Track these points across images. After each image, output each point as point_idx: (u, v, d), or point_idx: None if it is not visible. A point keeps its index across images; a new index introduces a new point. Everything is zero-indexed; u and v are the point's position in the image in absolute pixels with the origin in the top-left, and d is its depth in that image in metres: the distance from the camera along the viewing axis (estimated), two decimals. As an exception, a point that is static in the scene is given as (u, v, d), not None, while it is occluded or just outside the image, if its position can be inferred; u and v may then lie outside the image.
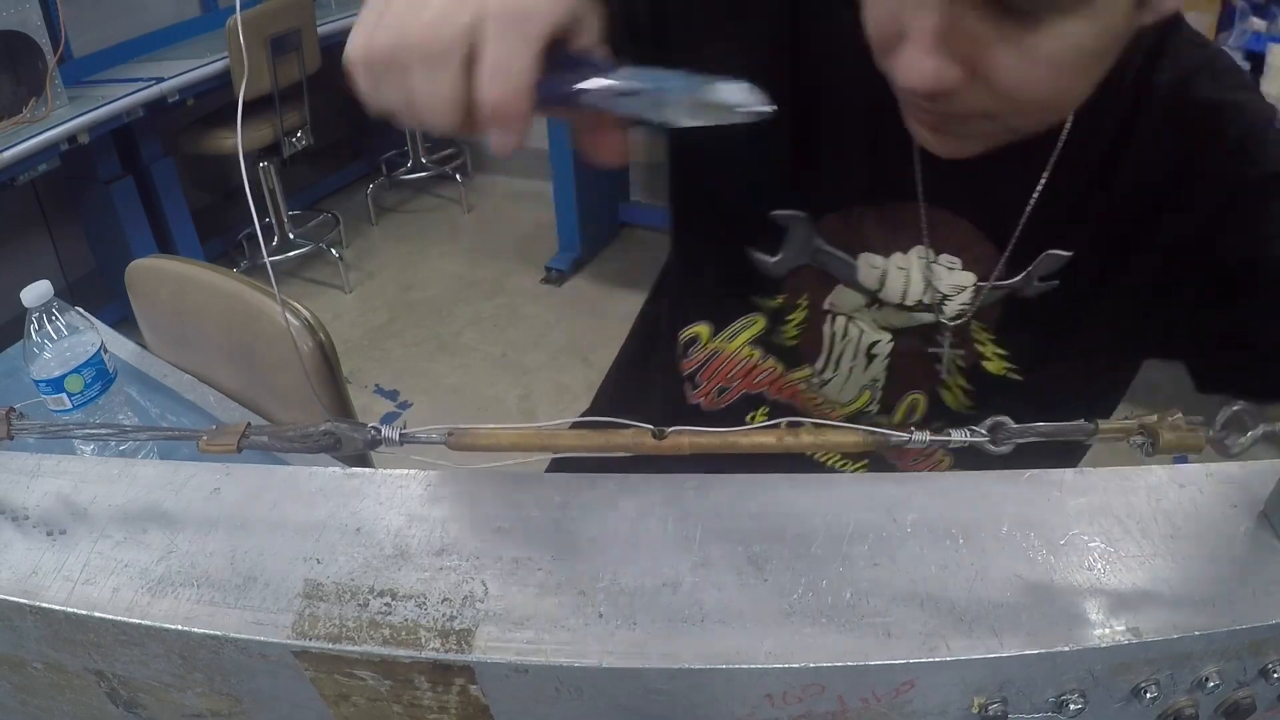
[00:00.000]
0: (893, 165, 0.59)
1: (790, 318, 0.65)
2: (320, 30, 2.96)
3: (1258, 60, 2.04)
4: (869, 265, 0.61)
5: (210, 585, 0.33)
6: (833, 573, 0.33)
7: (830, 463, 0.66)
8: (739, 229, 0.64)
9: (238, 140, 2.70)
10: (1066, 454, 0.68)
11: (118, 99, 2.38)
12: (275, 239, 3.03)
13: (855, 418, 0.64)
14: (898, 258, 0.60)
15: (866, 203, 0.60)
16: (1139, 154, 0.56)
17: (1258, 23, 2.09)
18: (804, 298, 0.65)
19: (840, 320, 0.63)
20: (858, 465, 0.66)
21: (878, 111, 0.56)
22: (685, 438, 0.30)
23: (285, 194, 2.99)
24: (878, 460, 0.65)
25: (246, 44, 2.56)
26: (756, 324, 0.68)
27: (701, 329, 0.69)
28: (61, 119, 2.23)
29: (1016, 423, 0.33)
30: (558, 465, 0.76)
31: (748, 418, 0.69)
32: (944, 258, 0.59)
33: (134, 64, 2.75)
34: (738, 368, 0.69)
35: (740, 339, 0.69)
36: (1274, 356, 0.52)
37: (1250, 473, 0.37)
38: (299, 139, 2.88)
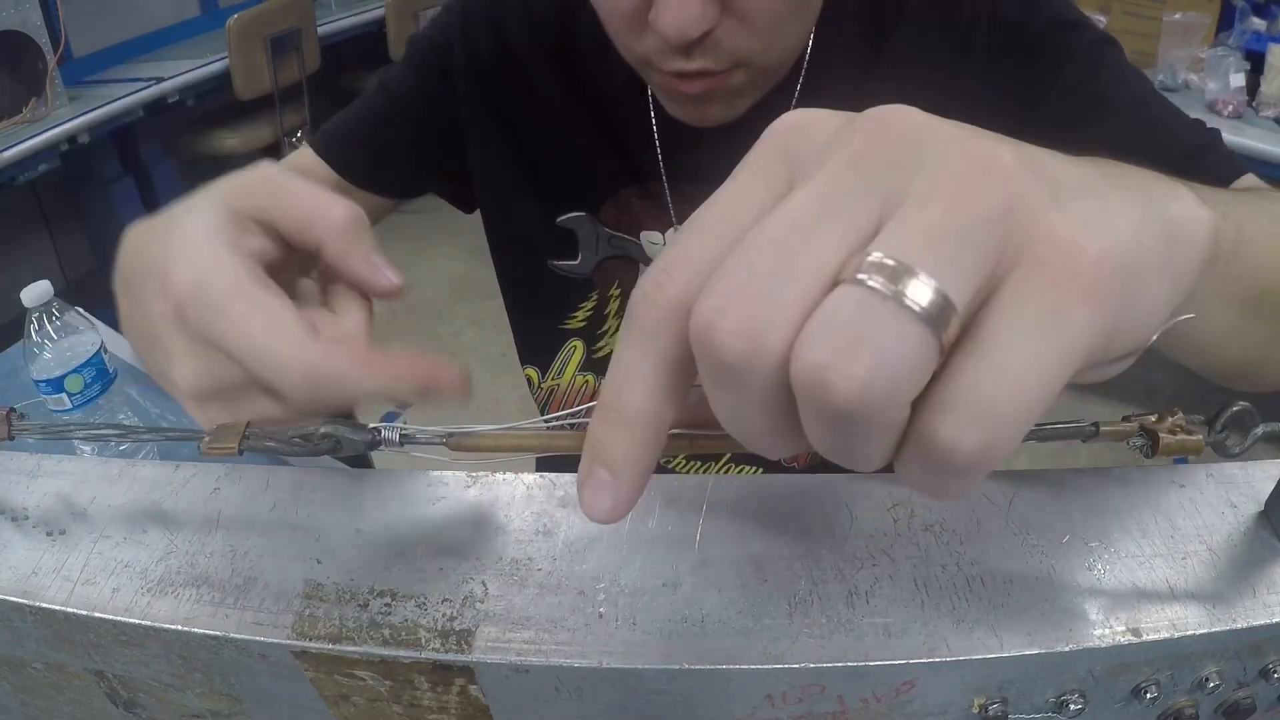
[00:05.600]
0: (634, 150, 0.64)
1: (607, 312, 0.70)
2: (320, 30, 2.97)
3: (1258, 60, 2.04)
4: (649, 242, 0.66)
5: (210, 585, 0.33)
6: (833, 573, 0.33)
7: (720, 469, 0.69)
8: (540, 251, 0.70)
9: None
10: None
11: (118, 99, 2.39)
12: (275, 239, 3.03)
13: None
14: (671, 233, 0.65)
15: (631, 185, 0.65)
16: (890, 48, 0.60)
17: (1258, 23, 2.09)
18: (615, 286, 0.70)
19: None
20: (753, 469, 0.69)
21: (613, 103, 0.64)
22: (685, 439, 0.30)
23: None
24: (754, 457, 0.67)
25: (246, 44, 2.56)
26: (575, 350, 0.72)
27: (531, 372, 0.76)
28: (61, 119, 2.24)
29: None
30: (544, 464, 0.78)
31: None
32: None
33: (134, 64, 2.75)
34: (579, 397, 0.74)
35: (569, 371, 0.73)
36: None
37: (1250, 473, 0.37)
38: (299, 139, 2.88)
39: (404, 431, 0.33)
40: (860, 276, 0.18)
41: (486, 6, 0.66)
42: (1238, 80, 1.99)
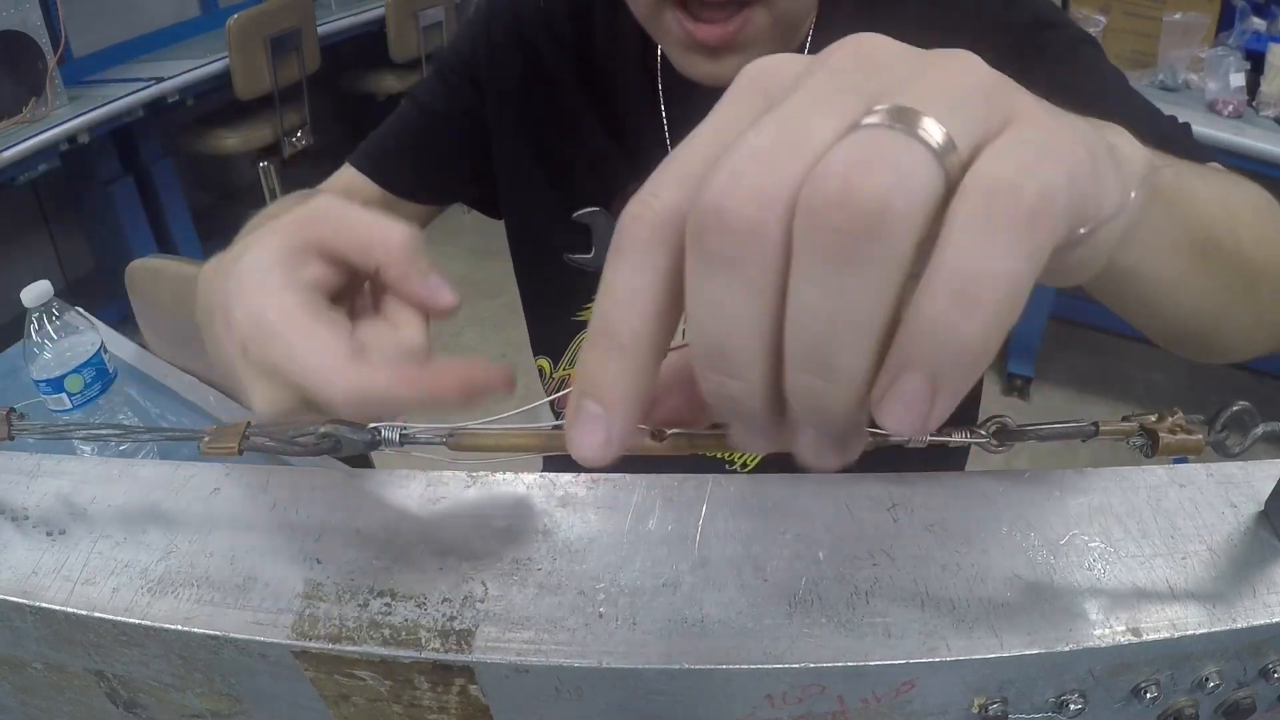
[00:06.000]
0: (648, 149, 0.66)
1: None
2: (320, 30, 2.96)
3: (1258, 60, 2.03)
4: None
5: (210, 585, 0.33)
6: (833, 573, 0.33)
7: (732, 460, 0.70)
8: (556, 244, 0.72)
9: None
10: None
11: (118, 99, 2.38)
12: (275, 239, 3.03)
13: None
14: None
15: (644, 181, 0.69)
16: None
17: (1258, 23, 2.09)
18: None
19: None
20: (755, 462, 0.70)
21: (627, 104, 0.67)
22: (685, 438, 0.30)
23: (285, 194, 3.00)
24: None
25: (246, 44, 2.56)
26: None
27: (543, 363, 0.77)
28: (61, 119, 2.23)
29: None
30: (552, 464, 0.79)
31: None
32: None
33: (134, 64, 2.75)
34: None
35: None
36: None
37: (1250, 473, 0.37)
38: (299, 139, 2.88)
39: (404, 431, 0.33)
40: (869, 120, 0.18)
41: (509, 17, 0.70)
42: (1238, 80, 1.99)
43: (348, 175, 0.73)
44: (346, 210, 0.34)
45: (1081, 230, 0.22)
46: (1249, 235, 0.40)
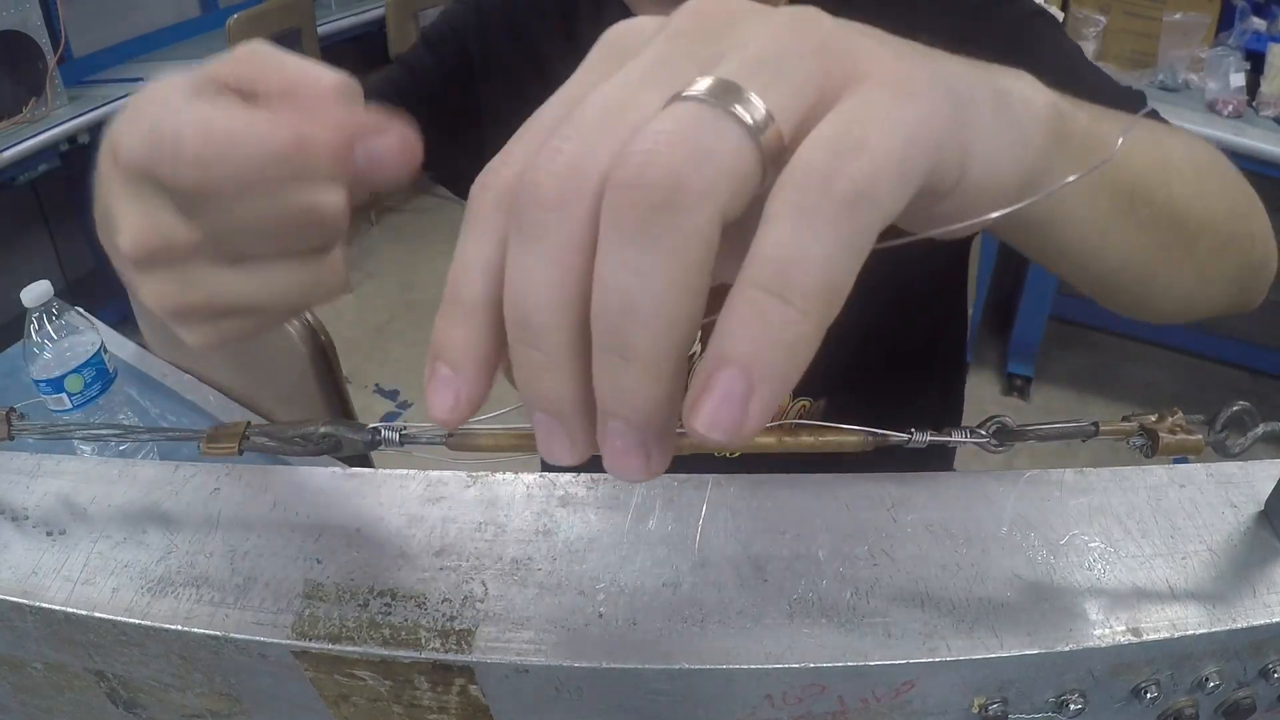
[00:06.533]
0: None
1: None
2: (320, 30, 2.96)
3: (1258, 60, 2.03)
4: None
5: (210, 585, 0.33)
6: (833, 573, 0.33)
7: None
8: None
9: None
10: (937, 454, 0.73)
11: (118, 99, 2.38)
12: (275, 239, 3.03)
13: None
14: None
15: None
16: (850, 9, 0.62)
17: (1258, 23, 2.09)
18: None
19: None
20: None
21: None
22: (686, 439, 0.30)
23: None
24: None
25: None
26: None
27: None
28: (61, 119, 2.23)
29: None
30: (551, 464, 0.78)
31: None
32: None
33: (134, 64, 2.75)
34: None
35: None
36: None
37: (1250, 473, 0.37)
38: (299, 139, 2.87)
39: (404, 431, 0.33)
40: (689, 93, 0.18)
41: None
42: (1238, 80, 1.99)
43: None
44: (276, 52, 0.29)
45: (946, 182, 0.22)
46: (1184, 189, 0.39)
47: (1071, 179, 0.25)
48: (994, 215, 0.24)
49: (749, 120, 0.18)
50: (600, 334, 0.18)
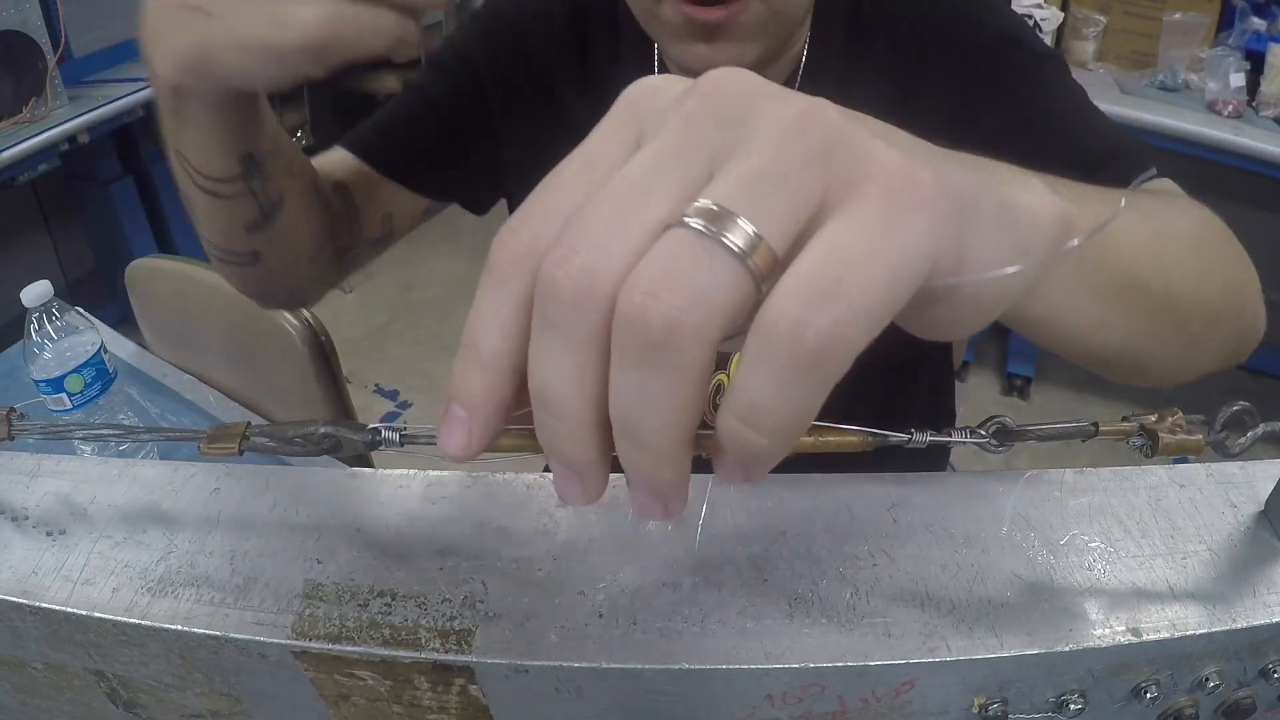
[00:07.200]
0: None
1: None
2: (320, 30, 2.95)
3: (1258, 60, 2.03)
4: None
5: (210, 585, 0.33)
6: (833, 573, 0.33)
7: None
8: None
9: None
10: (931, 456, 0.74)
11: (118, 99, 2.38)
12: (275, 239, 3.02)
13: None
14: None
15: None
16: (868, 56, 0.64)
17: (1258, 23, 2.09)
18: None
19: None
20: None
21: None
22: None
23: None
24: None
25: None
26: None
27: None
28: (61, 119, 2.23)
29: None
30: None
31: None
32: None
33: (134, 64, 2.74)
34: None
35: None
36: None
37: (1250, 473, 0.37)
38: (299, 139, 2.88)
39: (404, 431, 0.33)
40: (685, 219, 0.20)
41: (510, 19, 0.70)
42: (1238, 80, 1.99)
43: (336, 156, 0.72)
44: None
45: (936, 293, 0.22)
46: (1180, 273, 0.39)
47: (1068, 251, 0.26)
48: (982, 324, 0.26)
49: (740, 247, 0.19)
50: (616, 424, 0.21)
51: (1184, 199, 0.51)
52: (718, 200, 0.20)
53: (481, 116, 0.71)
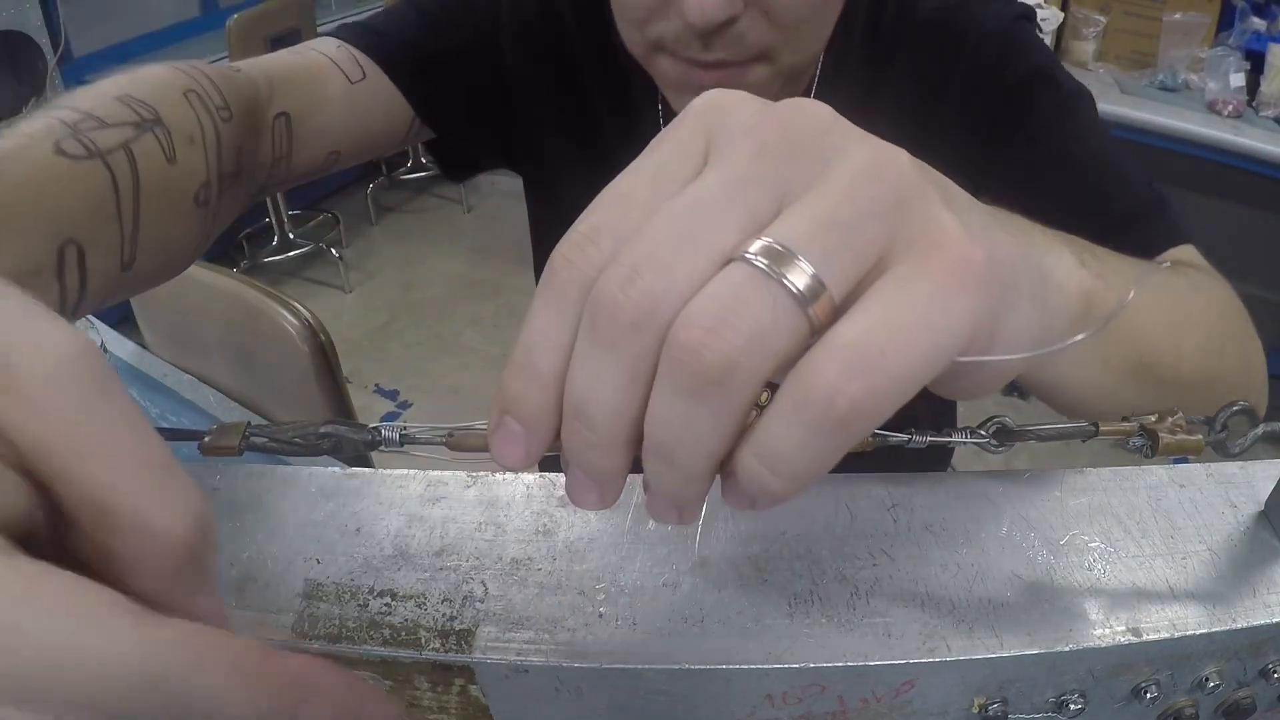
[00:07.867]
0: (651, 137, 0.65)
1: None
2: (320, 30, 2.96)
3: (1258, 60, 2.04)
4: None
5: (210, 585, 0.33)
6: (833, 573, 0.33)
7: None
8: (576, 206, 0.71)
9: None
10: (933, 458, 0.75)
11: (118, 99, 2.37)
12: (275, 239, 3.03)
13: None
14: None
15: None
16: (886, 91, 0.62)
17: (1258, 23, 2.09)
18: None
19: None
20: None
21: (635, 95, 0.65)
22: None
23: (285, 194, 3.00)
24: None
25: (246, 44, 2.56)
26: None
27: None
28: (61, 119, 2.23)
29: None
30: (550, 464, 0.78)
31: None
32: None
33: (134, 64, 2.74)
34: None
35: None
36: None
37: (1250, 473, 0.37)
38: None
39: (404, 431, 0.33)
40: (748, 255, 0.20)
41: None
42: (1238, 80, 1.99)
43: (323, 54, 0.57)
44: (77, 400, 0.18)
45: (965, 367, 0.22)
46: (1193, 355, 0.40)
47: (1074, 340, 0.26)
48: (994, 390, 0.26)
49: (802, 292, 0.19)
50: (649, 442, 0.21)
51: (1206, 275, 0.50)
52: (785, 241, 0.20)
53: (499, 72, 0.66)
